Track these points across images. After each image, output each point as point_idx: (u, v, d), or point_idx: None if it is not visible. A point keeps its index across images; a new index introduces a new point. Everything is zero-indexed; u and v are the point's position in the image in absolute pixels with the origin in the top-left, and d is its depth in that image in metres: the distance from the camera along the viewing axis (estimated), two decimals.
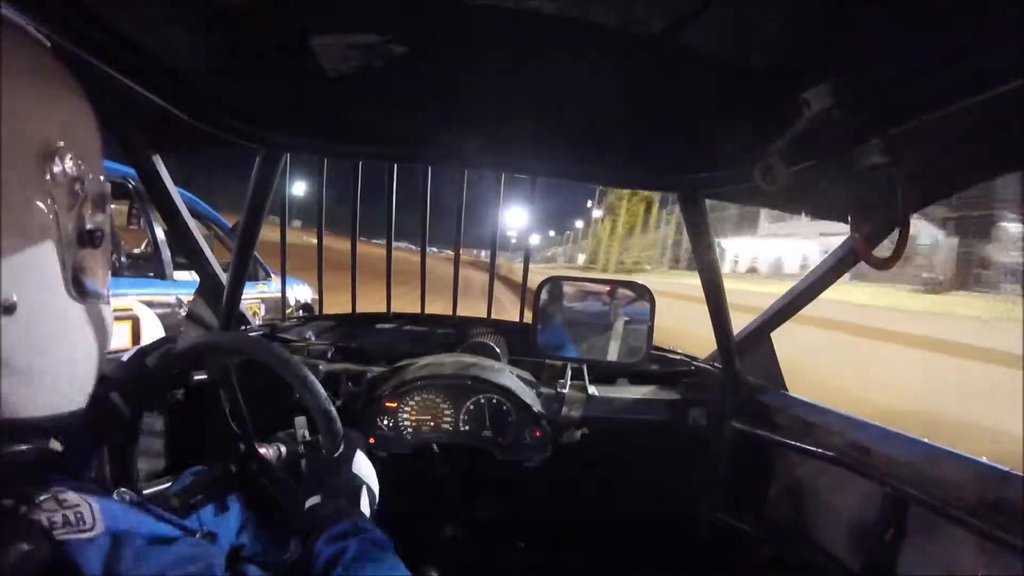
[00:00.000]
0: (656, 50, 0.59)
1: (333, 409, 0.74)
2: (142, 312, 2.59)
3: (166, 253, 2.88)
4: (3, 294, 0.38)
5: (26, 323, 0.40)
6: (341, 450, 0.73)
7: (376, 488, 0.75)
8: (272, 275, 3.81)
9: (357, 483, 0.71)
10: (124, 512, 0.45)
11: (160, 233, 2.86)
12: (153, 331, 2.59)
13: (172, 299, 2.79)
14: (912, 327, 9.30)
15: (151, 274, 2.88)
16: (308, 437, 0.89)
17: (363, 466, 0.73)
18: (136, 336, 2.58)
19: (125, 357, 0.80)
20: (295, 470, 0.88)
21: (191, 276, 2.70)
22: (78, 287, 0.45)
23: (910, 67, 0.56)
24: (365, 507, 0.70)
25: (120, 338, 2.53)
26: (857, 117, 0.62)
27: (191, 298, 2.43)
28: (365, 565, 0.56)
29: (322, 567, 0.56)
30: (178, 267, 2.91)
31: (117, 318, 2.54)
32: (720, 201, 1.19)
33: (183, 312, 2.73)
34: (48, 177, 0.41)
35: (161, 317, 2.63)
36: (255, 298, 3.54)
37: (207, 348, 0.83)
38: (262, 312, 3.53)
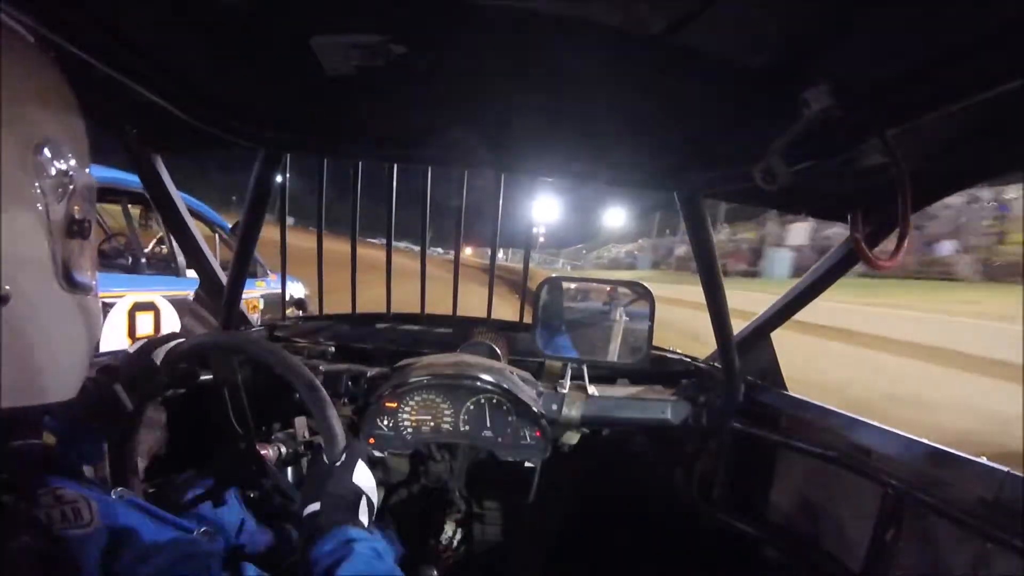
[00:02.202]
0: (656, 50, 0.59)
1: (337, 417, 0.74)
2: (161, 304, 3.15)
3: (181, 254, 3.38)
4: None
5: (18, 313, 0.40)
6: (343, 459, 0.72)
7: (376, 499, 0.74)
8: (269, 272, 4.04)
9: (357, 493, 0.70)
10: (122, 510, 0.45)
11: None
12: (170, 317, 3.19)
13: (185, 292, 3.37)
14: None
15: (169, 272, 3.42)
16: (308, 437, 0.89)
17: (364, 476, 0.73)
18: (157, 322, 3.13)
19: (132, 349, 0.79)
20: (295, 471, 0.88)
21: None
22: (67, 278, 0.45)
23: (910, 67, 0.56)
24: (364, 518, 0.70)
25: (144, 326, 3.08)
26: (857, 117, 0.62)
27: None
28: (365, 572, 0.56)
29: (321, 574, 0.56)
30: (190, 266, 3.29)
31: (142, 308, 3.03)
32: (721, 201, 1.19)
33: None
34: (38, 170, 0.42)
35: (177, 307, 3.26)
36: (255, 295, 3.76)
37: (215, 347, 0.82)
38: (261, 306, 3.77)
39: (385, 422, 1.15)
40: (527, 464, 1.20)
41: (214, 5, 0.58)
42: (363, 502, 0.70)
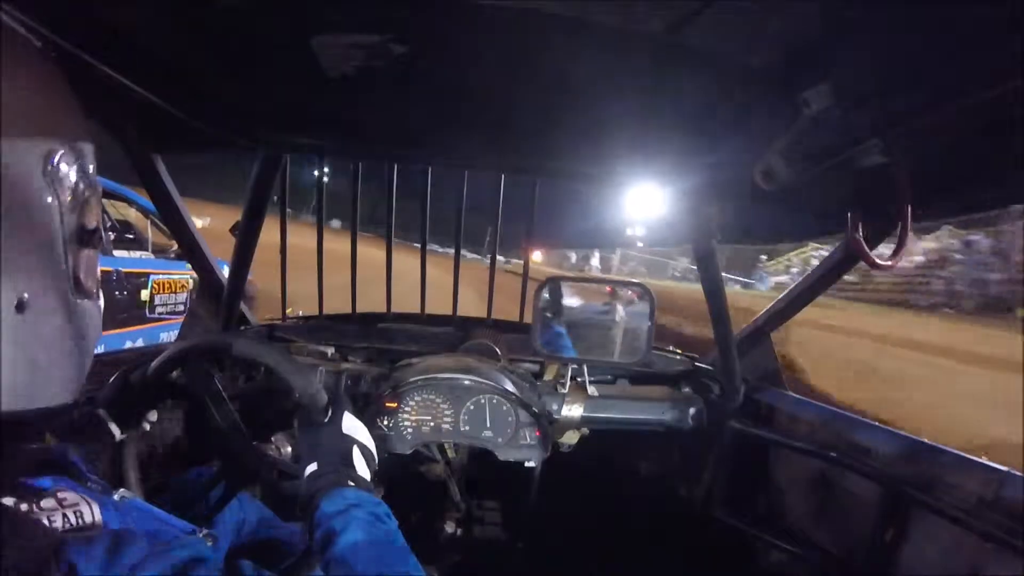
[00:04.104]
0: (656, 50, 0.59)
1: (313, 377, 0.76)
2: None
3: (106, 237, 3.75)
4: (17, 293, 0.39)
5: (34, 320, 0.41)
6: (329, 415, 0.74)
7: (371, 445, 0.76)
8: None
9: (348, 443, 0.72)
10: (124, 512, 0.45)
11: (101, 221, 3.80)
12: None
13: (110, 268, 3.68)
14: None
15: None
16: None
17: (352, 426, 0.75)
18: None
19: (111, 380, 0.82)
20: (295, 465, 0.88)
21: (127, 253, 3.85)
22: (77, 285, 0.46)
23: (910, 67, 0.56)
24: (362, 466, 0.71)
25: None
26: (857, 117, 0.62)
27: (127, 270, 3.57)
28: (364, 542, 0.57)
29: (321, 540, 0.58)
30: (116, 247, 3.86)
31: None
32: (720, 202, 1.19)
33: (114, 277, 3.68)
34: (54, 181, 0.43)
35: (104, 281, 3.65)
36: (185, 274, 4.09)
37: (182, 356, 0.83)
38: (191, 285, 4.12)
39: (385, 422, 1.15)
40: (527, 464, 1.20)
41: (214, 5, 0.58)
42: (356, 451, 0.72)
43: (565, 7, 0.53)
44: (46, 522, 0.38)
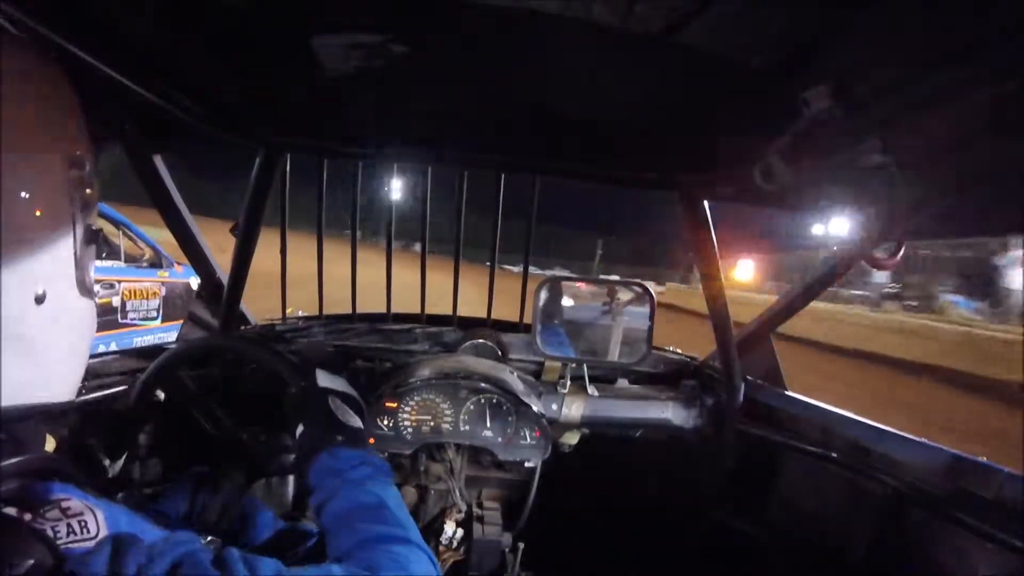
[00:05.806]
0: (656, 50, 0.59)
1: (282, 352, 0.80)
2: None
3: None
4: (37, 286, 0.41)
5: (49, 314, 0.43)
6: (305, 377, 0.77)
7: (349, 389, 0.79)
8: (175, 264, 4.42)
9: (324, 396, 0.75)
10: (128, 518, 0.45)
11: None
12: None
13: None
14: None
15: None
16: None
17: (325, 379, 0.78)
18: None
19: (99, 410, 0.85)
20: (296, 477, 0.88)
21: (99, 262, 3.68)
22: (81, 283, 0.48)
23: (910, 67, 0.56)
24: (349, 417, 0.74)
25: None
26: (857, 117, 0.62)
27: (99, 277, 3.07)
28: (355, 508, 0.59)
29: (315, 507, 0.60)
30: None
31: None
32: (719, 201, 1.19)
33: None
34: (72, 184, 0.45)
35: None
36: (156, 281, 4.21)
37: (158, 377, 0.86)
38: (163, 292, 4.24)
39: (385, 422, 1.15)
40: (527, 464, 1.20)
41: (214, 5, 0.58)
42: (333, 402, 0.75)
43: (564, 7, 0.53)
44: (49, 532, 0.38)
